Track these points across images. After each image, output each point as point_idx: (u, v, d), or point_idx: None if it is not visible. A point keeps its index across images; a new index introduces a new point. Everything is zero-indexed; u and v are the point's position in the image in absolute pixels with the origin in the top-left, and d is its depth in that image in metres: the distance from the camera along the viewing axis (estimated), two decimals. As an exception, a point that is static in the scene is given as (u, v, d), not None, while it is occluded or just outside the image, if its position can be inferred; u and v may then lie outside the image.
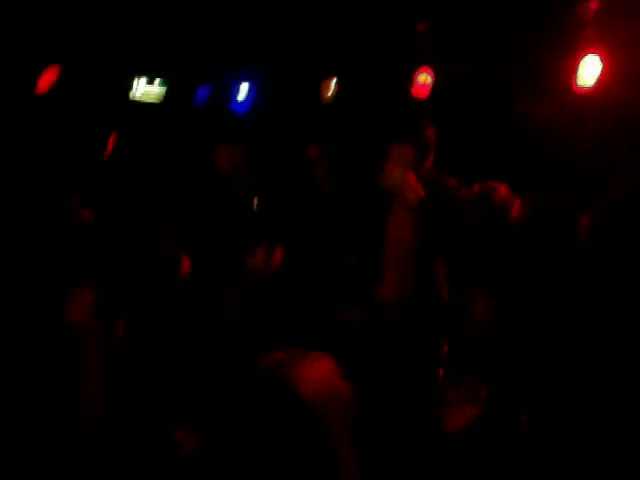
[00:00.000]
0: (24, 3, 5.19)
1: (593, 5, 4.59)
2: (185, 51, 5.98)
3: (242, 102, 6.09)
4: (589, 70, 4.46)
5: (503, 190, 4.08)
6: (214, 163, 4.81)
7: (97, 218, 4.74)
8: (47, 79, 5.70)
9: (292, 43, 5.74)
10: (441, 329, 3.95)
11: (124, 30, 5.68)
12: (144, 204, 4.72)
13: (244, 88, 6.11)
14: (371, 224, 4.32)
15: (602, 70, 4.51)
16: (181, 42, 5.87)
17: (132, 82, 6.18)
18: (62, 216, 4.69)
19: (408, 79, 5.47)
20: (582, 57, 4.57)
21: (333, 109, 5.83)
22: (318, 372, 1.95)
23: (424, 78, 5.47)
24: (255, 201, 4.72)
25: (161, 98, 6.17)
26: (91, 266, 4.44)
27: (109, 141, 5.07)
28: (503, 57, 4.83)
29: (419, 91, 5.35)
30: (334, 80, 5.95)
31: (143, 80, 6.24)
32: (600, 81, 4.46)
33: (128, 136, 5.07)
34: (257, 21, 5.57)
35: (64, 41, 5.61)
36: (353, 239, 4.44)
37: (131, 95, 6.07)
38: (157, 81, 6.28)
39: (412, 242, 4.06)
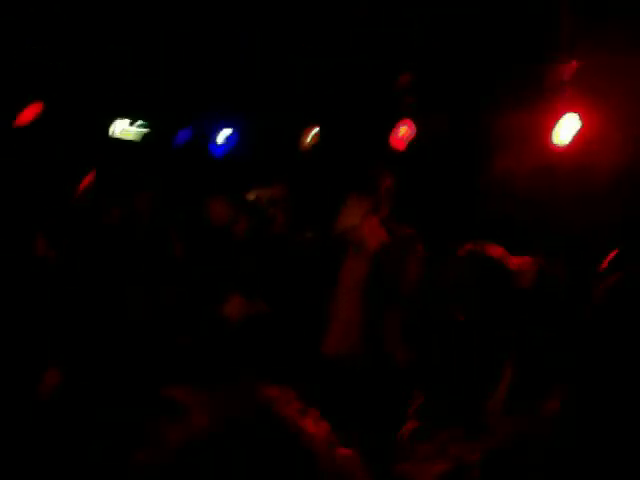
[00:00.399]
0: (15, 36, 5.19)
1: (573, 65, 4.64)
2: (167, 94, 6.01)
3: (221, 145, 6.10)
4: (566, 128, 4.49)
5: (498, 251, 4.00)
6: (206, 214, 4.78)
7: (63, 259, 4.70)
8: (29, 113, 5.71)
9: (276, 90, 5.77)
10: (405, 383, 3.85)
11: (109, 71, 5.71)
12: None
13: (224, 132, 6.13)
14: (321, 271, 4.29)
15: (579, 129, 4.54)
16: (164, 85, 5.90)
17: (112, 121, 6.20)
18: (28, 253, 4.64)
19: (388, 131, 5.50)
20: (561, 115, 4.60)
21: (309, 156, 5.86)
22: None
23: (404, 131, 5.50)
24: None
25: (140, 137, 6.18)
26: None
27: (84, 180, 5.03)
28: (483, 111, 4.86)
29: (397, 143, 5.37)
30: (315, 129, 5.99)
31: (124, 121, 6.26)
32: (576, 140, 4.49)
33: (104, 176, 5.03)
34: (238, 68, 5.60)
35: (49, 76, 5.63)
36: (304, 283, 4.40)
37: (110, 132, 6.07)
38: (138, 122, 6.31)
39: (362, 290, 3.99)
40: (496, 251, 3.68)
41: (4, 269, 4.43)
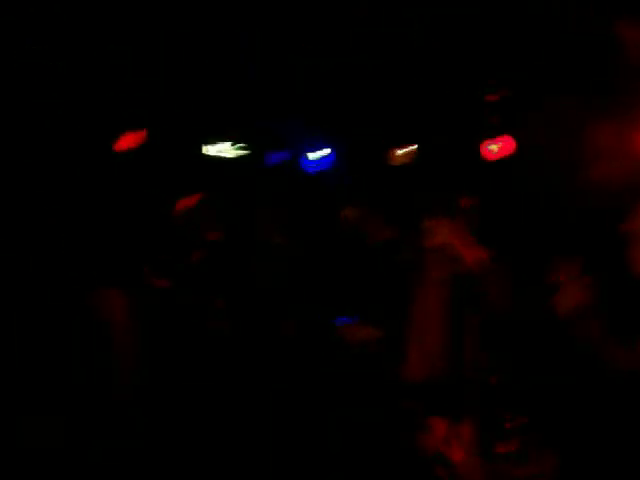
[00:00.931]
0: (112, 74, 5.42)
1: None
2: (258, 116, 6.17)
3: (315, 164, 6.24)
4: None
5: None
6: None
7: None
8: (130, 139, 5.94)
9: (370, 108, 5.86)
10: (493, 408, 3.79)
11: (204, 97, 5.89)
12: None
13: (320, 152, 6.27)
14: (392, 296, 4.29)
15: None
16: (256, 108, 6.06)
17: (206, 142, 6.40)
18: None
19: (477, 147, 5.53)
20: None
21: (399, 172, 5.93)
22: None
23: (496, 147, 5.53)
24: None
25: (236, 156, 6.38)
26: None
27: (184, 201, 5.20)
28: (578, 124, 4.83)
29: (489, 157, 5.41)
30: (412, 147, 6.06)
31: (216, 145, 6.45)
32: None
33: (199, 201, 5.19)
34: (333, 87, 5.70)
35: (146, 103, 5.84)
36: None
37: (205, 151, 6.27)
38: (232, 142, 6.49)
39: (441, 317, 3.93)
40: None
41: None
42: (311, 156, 6.22)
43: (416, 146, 6.00)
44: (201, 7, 4.88)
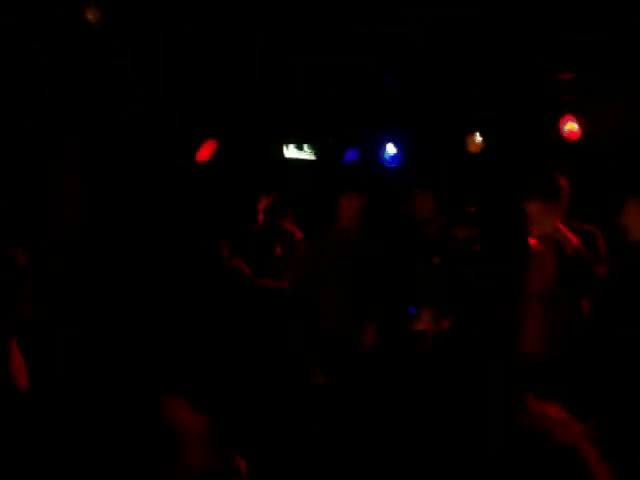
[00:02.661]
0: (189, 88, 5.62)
1: None
2: (332, 118, 6.27)
3: (391, 158, 6.31)
4: None
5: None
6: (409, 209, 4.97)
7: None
8: (206, 150, 6.13)
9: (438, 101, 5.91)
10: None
11: (276, 103, 6.03)
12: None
13: (391, 147, 6.34)
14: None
15: None
16: (328, 110, 6.16)
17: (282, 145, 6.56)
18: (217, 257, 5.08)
19: (552, 126, 5.52)
20: None
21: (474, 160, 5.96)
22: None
23: (570, 126, 5.51)
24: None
25: (311, 157, 6.52)
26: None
27: (260, 203, 5.36)
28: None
29: (568, 136, 5.39)
30: (479, 135, 6.08)
31: (293, 148, 6.58)
32: None
33: (277, 198, 5.32)
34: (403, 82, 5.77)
35: (223, 114, 6.02)
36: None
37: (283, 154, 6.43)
38: (306, 146, 6.63)
39: (553, 286, 3.91)
40: None
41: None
42: (389, 150, 6.30)
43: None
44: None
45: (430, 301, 4.46)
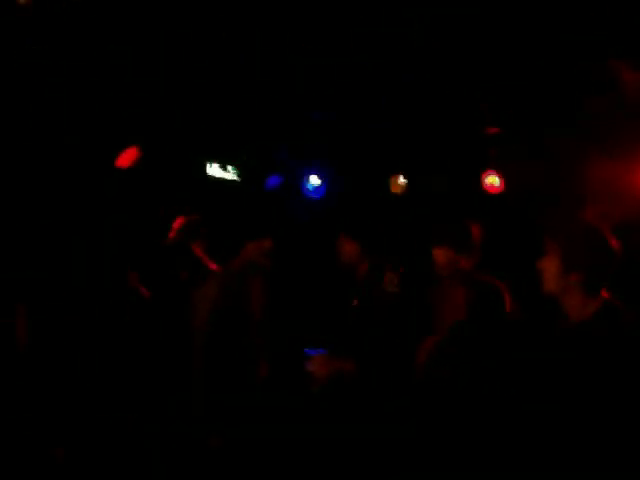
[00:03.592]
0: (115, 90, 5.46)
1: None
2: (257, 141, 6.21)
3: (314, 189, 6.28)
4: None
5: None
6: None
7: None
8: (128, 156, 5.98)
9: (363, 140, 5.91)
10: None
11: (202, 118, 5.93)
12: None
13: (314, 179, 6.32)
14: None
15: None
16: (253, 132, 6.10)
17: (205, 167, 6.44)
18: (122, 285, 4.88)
19: (475, 180, 5.59)
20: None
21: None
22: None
23: (492, 180, 5.59)
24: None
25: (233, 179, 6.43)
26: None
27: (175, 223, 5.20)
28: (574, 160, 4.90)
29: (490, 188, 5.48)
30: (402, 177, 6.11)
31: (216, 167, 6.49)
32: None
33: (194, 221, 5.18)
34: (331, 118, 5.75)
35: (147, 123, 5.89)
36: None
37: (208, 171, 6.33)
38: (229, 166, 6.54)
39: None
40: None
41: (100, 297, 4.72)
42: (312, 181, 6.27)
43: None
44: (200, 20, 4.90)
45: (332, 343, 4.35)
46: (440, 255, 4.01)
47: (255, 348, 4.33)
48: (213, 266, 4.85)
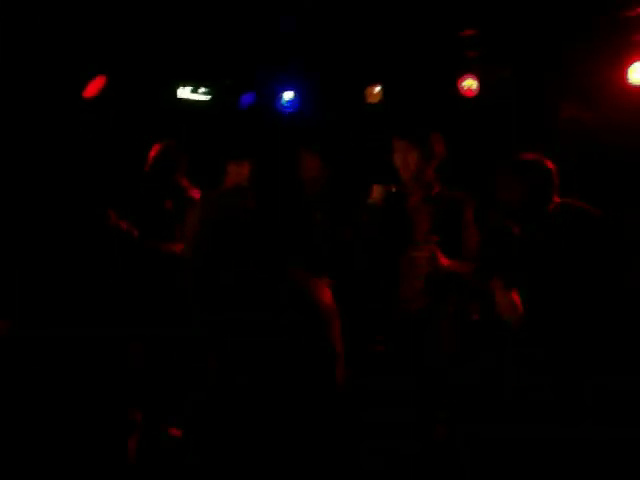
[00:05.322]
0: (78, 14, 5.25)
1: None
2: (228, 60, 6.05)
3: (287, 105, 6.16)
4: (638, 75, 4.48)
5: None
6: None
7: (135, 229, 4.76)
8: (95, 85, 5.80)
9: (336, 50, 5.77)
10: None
11: (170, 41, 5.75)
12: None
13: (288, 94, 6.19)
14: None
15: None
16: (224, 51, 5.94)
17: (176, 90, 6.28)
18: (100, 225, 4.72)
19: (452, 84, 5.51)
20: (631, 62, 4.57)
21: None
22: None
23: (469, 83, 5.50)
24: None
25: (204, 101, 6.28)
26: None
27: (151, 151, 5.04)
28: (550, 62, 4.83)
29: (465, 94, 5.40)
30: (379, 86, 6.00)
31: (187, 89, 6.32)
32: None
33: (172, 147, 5.03)
34: (302, 28, 5.59)
35: (113, 49, 5.70)
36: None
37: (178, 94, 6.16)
38: (200, 89, 6.37)
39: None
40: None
41: (77, 238, 4.56)
42: (286, 97, 6.14)
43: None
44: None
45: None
46: (412, 158, 3.91)
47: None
48: (197, 194, 4.77)
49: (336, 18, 5.28)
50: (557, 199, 3.50)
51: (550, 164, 3.52)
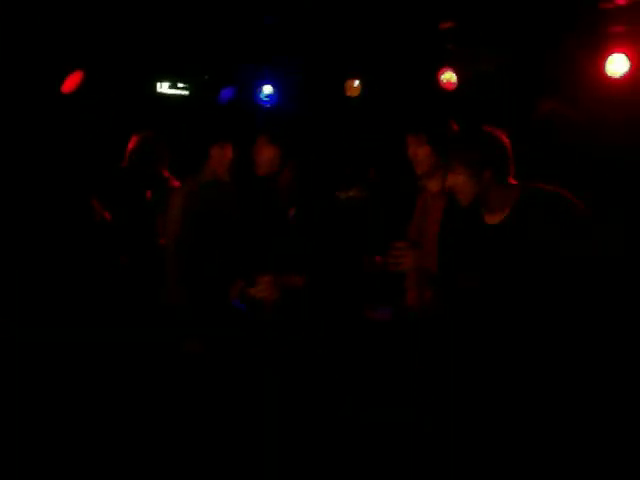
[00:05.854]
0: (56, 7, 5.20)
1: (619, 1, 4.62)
2: (207, 54, 6.03)
3: (267, 99, 6.15)
4: (619, 62, 4.51)
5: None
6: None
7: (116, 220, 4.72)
8: (73, 80, 5.75)
9: (316, 43, 5.76)
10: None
11: (148, 35, 5.72)
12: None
13: (268, 88, 6.19)
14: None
15: (629, 67, 4.57)
16: (202, 45, 5.91)
17: (155, 85, 6.25)
18: (84, 216, 4.69)
19: (432, 78, 5.53)
20: (609, 53, 4.61)
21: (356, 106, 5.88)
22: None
23: (448, 77, 5.52)
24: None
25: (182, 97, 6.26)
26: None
27: (130, 143, 5.02)
28: (532, 51, 4.86)
29: (446, 85, 5.42)
30: (357, 80, 6.02)
31: (165, 84, 6.29)
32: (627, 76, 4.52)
33: (150, 138, 5.00)
34: (283, 21, 5.58)
35: (90, 43, 5.66)
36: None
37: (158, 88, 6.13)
38: (178, 84, 6.35)
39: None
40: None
41: (61, 231, 4.53)
42: (265, 91, 6.14)
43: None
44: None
45: (275, 265, 4.00)
46: (420, 152, 3.85)
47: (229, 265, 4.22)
48: (178, 185, 4.75)
49: (316, 11, 5.28)
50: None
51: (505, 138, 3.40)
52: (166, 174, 4.93)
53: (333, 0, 5.16)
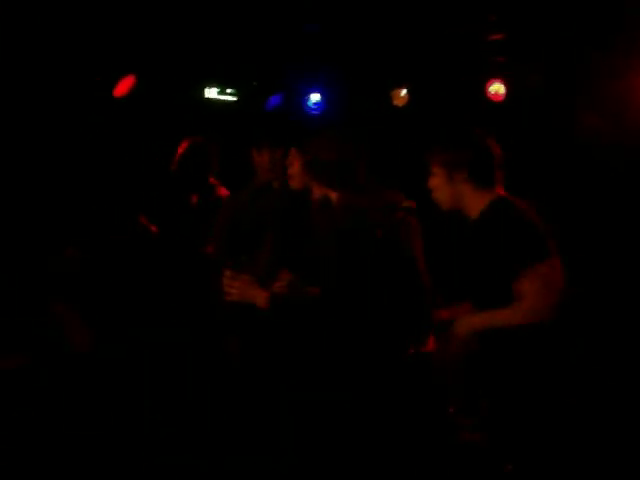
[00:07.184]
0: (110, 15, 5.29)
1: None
2: (255, 61, 6.09)
3: (314, 107, 6.19)
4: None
5: None
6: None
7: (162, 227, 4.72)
8: (125, 84, 5.84)
9: (363, 53, 5.79)
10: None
11: (198, 41, 5.80)
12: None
13: (315, 95, 6.23)
14: None
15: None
16: (251, 52, 5.97)
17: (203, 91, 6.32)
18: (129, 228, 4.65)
19: (480, 89, 5.53)
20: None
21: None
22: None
23: (496, 88, 5.53)
24: None
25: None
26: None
27: (180, 147, 5.04)
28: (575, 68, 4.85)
29: (494, 97, 5.43)
30: (405, 90, 6.04)
31: (214, 90, 6.36)
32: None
33: (201, 144, 5.02)
34: (329, 29, 5.62)
35: (141, 49, 5.75)
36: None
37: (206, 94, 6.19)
38: (227, 90, 6.41)
39: None
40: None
41: (107, 242, 4.52)
42: (313, 98, 6.18)
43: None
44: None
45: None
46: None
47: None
48: (225, 192, 4.79)
49: (364, 20, 5.31)
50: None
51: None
52: (212, 181, 4.94)
53: (383, 9, 5.19)
